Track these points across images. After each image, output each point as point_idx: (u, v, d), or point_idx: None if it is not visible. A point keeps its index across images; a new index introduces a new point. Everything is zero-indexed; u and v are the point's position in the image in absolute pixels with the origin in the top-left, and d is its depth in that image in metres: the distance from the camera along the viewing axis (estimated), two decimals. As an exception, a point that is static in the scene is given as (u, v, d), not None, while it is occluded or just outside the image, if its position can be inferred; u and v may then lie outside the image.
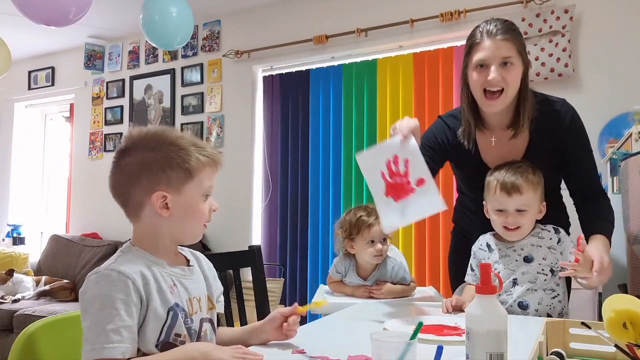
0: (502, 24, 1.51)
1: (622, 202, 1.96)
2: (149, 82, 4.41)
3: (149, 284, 0.99)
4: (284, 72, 3.86)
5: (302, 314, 1.18)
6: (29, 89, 5.08)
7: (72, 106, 4.94)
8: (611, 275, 1.36)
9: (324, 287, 2.11)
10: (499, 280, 1.44)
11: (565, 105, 1.59)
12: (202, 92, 4.13)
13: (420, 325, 0.88)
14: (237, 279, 1.91)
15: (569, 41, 2.82)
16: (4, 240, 4.77)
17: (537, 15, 2.88)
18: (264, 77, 3.94)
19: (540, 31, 2.87)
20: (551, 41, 2.84)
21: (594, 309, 2.10)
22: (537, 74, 2.83)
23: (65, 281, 3.93)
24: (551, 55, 2.83)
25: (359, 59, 3.57)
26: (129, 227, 1.06)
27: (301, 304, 1.21)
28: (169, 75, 4.29)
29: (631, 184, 1.89)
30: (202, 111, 4.12)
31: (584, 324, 1.08)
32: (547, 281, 1.48)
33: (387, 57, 3.47)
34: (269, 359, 1.06)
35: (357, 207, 1.99)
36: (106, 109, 4.64)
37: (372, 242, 1.89)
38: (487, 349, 0.81)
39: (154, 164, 1.02)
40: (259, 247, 2.04)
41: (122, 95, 4.56)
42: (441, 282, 3.11)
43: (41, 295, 3.80)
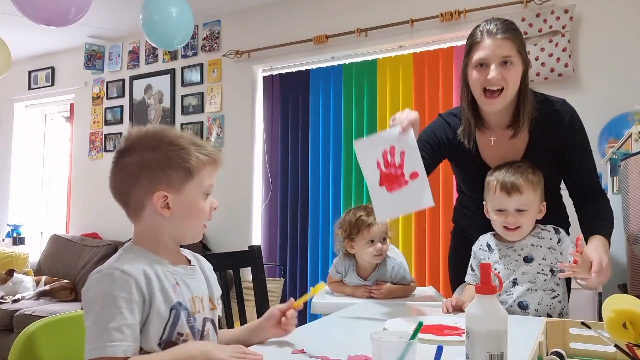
0: (502, 23, 1.51)
1: (622, 202, 1.96)
2: (149, 82, 4.41)
3: (152, 282, 0.99)
4: (284, 72, 3.86)
5: (299, 308, 1.20)
6: (29, 89, 5.08)
7: (72, 106, 4.94)
8: (610, 275, 1.37)
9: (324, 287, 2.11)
10: (499, 280, 1.44)
11: (565, 105, 1.59)
12: (202, 92, 4.13)
13: (420, 325, 0.88)
14: (237, 279, 1.91)
15: (569, 41, 2.82)
16: (4, 240, 4.77)
17: (537, 15, 2.88)
18: (264, 77, 3.94)
19: (540, 31, 2.87)
20: (551, 41, 2.84)
21: (594, 309, 2.10)
22: (537, 74, 2.83)
23: (65, 281, 3.93)
24: (551, 55, 2.83)
25: (359, 59, 3.57)
26: (129, 227, 1.06)
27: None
28: (169, 75, 4.29)
29: (631, 184, 1.89)
30: (202, 111, 4.12)
31: (583, 324, 1.08)
32: (547, 281, 1.48)
33: (387, 57, 3.47)
34: (269, 358, 1.06)
35: (356, 207, 1.98)
36: (106, 109, 4.64)
37: (372, 241, 1.89)
38: (487, 349, 0.81)
39: (154, 164, 1.02)
40: (259, 247, 2.04)
41: (122, 95, 4.56)
42: (441, 282, 3.11)
43: (41, 295, 3.80)
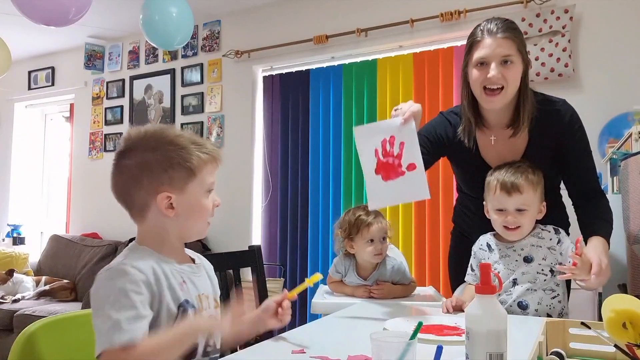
0: (503, 22, 1.51)
1: (622, 202, 1.96)
2: (149, 82, 4.41)
3: (160, 280, 0.99)
4: (284, 72, 3.86)
5: (293, 299, 1.23)
6: (29, 89, 5.08)
7: (72, 106, 4.94)
8: (610, 276, 1.36)
9: (323, 287, 2.11)
10: (498, 280, 1.45)
11: (565, 105, 1.59)
12: (202, 92, 4.13)
13: (420, 325, 0.88)
14: (237, 279, 1.91)
15: (569, 41, 2.82)
16: (4, 240, 4.77)
17: (537, 15, 2.88)
18: (264, 77, 3.94)
19: (540, 31, 2.87)
20: (551, 41, 2.84)
21: (594, 309, 2.10)
22: (537, 74, 2.83)
23: (65, 281, 3.93)
24: (551, 55, 2.83)
25: (359, 59, 3.57)
26: (128, 227, 1.06)
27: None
28: (169, 75, 4.29)
29: (631, 184, 1.89)
30: (202, 111, 4.12)
31: (583, 324, 1.08)
32: (546, 281, 1.48)
33: (387, 57, 3.47)
34: (269, 358, 1.06)
35: (355, 207, 1.99)
36: (106, 109, 4.64)
37: (372, 241, 1.89)
38: (487, 349, 0.81)
39: (155, 165, 1.02)
40: (259, 247, 2.04)
41: (122, 95, 4.56)
42: (441, 282, 3.11)
43: (41, 295, 3.80)
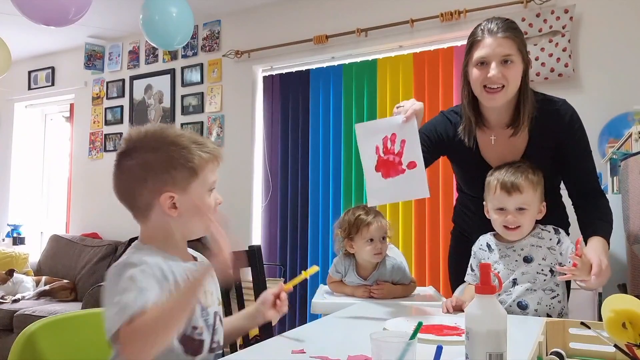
0: (503, 22, 1.51)
1: (622, 202, 1.96)
2: (149, 82, 4.41)
3: (167, 276, 1.00)
4: (284, 72, 3.86)
5: (289, 291, 1.27)
6: (29, 89, 5.08)
7: (72, 106, 4.94)
8: (610, 276, 1.36)
9: (323, 287, 2.11)
10: (498, 280, 1.45)
11: (565, 104, 1.59)
12: (202, 92, 4.13)
13: (420, 325, 0.88)
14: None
15: (569, 41, 2.82)
16: (4, 240, 4.77)
17: (537, 15, 2.88)
18: (264, 77, 3.94)
19: (540, 31, 2.87)
20: (551, 41, 2.84)
21: (594, 309, 2.10)
22: (537, 74, 2.83)
23: (65, 281, 3.93)
24: (551, 55, 2.83)
25: (359, 59, 3.57)
26: (128, 227, 1.06)
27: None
28: (169, 75, 4.29)
29: (631, 184, 1.89)
30: (202, 111, 4.12)
31: (583, 324, 1.08)
32: (546, 281, 1.48)
33: (387, 57, 3.47)
34: (269, 358, 1.06)
35: (355, 207, 1.99)
36: (106, 109, 4.64)
37: (371, 240, 1.89)
38: (486, 349, 0.81)
39: (158, 166, 1.02)
40: (259, 247, 2.04)
41: (122, 95, 4.56)
42: (441, 282, 3.11)
43: (41, 295, 3.80)
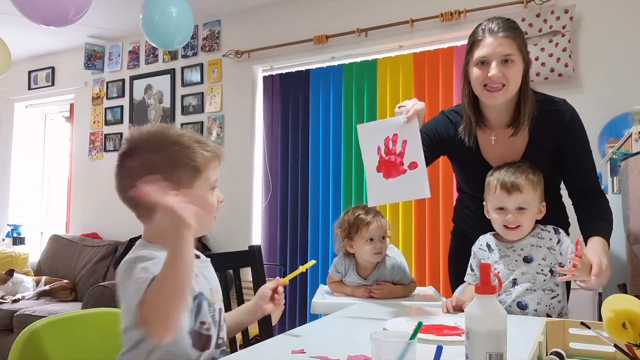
0: (504, 22, 1.52)
1: (622, 202, 1.96)
2: (149, 82, 4.41)
3: None
4: (284, 72, 3.86)
5: (285, 284, 1.33)
6: (29, 89, 5.08)
7: (72, 106, 4.94)
8: (610, 276, 1.36)
9: (323, 287, 2.11)
10: (498, 280, 1.45)
11: (565, 104, 1.59)
12: (202, 92, 4.13)
13: (420, 325, 0.88)
14: (237, 279, 1.91)
15: (569, 41, 2.81)
16: (4, 240, 4.77)
17: (537, 15, 2.88)
18: (264, 77, 3.94)
19: (540, 31, 2.87)
20: (551, 41, 2.84)
21: (594, 309, 2.10)
22: (537, 74, 2.83)
23: (65, 281, 3.93)
24: (551, 55, 2.83)
25: (359, 59, 3.57)
26: (128, 227, 1.07)
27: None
28: (169, 75, 4.29)
29: (631, 184, 1.89)
30: (202, 111, 4.12)
31: (583, 324, 1.08)
32: (546, 281, 1.48)
33: (387, 57, 3.47)
34: (269, 358, 1.06)
35: (355, 207, 1.99)
36: (106, 109, 4.64)
37: (371, 240, 1.89)
38: (486, 349, 0.81)
39: (162, 166, 1.02)
40: (259, 247, 2.04)
41: (122, 95, 4.56)
42: (441, 282, 3.11)
43: (41, 295, 3.80)
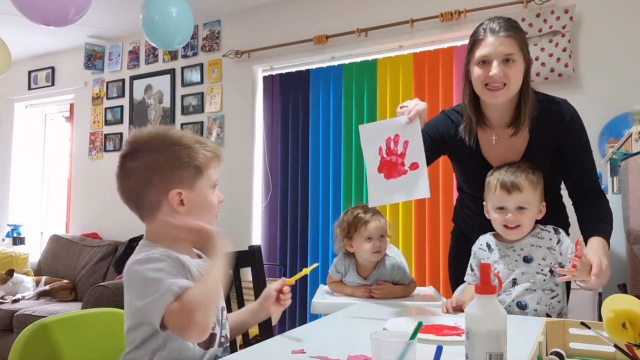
0: (506, 21, 1.52)
1: (622, 202, 1.96)
2: (149, 82, 4.41)
3: (191, 270, 1.04)
4: (284, 72, 3.86)
5: (291, 284, 1.31)
6: (29, 89, 5.08)
7: (72, 106, 4.94)
8: (610, 276, 1.36)
9: (323, 287, 2.11)
10: (498, 280, 1.45)
11: (565, 104, 1.60)
12: (202, 92, 4.13)
13: (419, 325, 0.88)
14: (237, 279, 1.91)
15: (569, 41, 2.81)
16: (4, 240, 4.76)
17: (537, 15, 2.88)
18: (264, 77, 3.94)
19: (540, 31, 2.87)
20: (551, 41, 2.84)
21: (594, 309, 2.10)
22: (537, 74, 2.83)
23: (65, 281, 3.93)
24: (551, 55, 2.83)
25: (359, 59, 3.57)
26: (128, 227, 1.08)
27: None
28: (169, 75, 4.29)
29: (631, 184, 1.89)
30: (202, 111, 4.12)
31: (583, 324, 1.08)
32: (546, 281, 1.48)
33: (387, 57, 3.47)
34: (269, 358, 1.06)
35: (354, 207, 2.00)
36: (106, 109, 4.64)
37: (370, 238, 1.89)
38: (486, 349, 0.81)
39: (165, 165, 1.05)
40: (259, 247, 2.04)
41: (122, 95, 4.56)
42: (441, 282, 3.11)
43: (41, 295, 3.80)
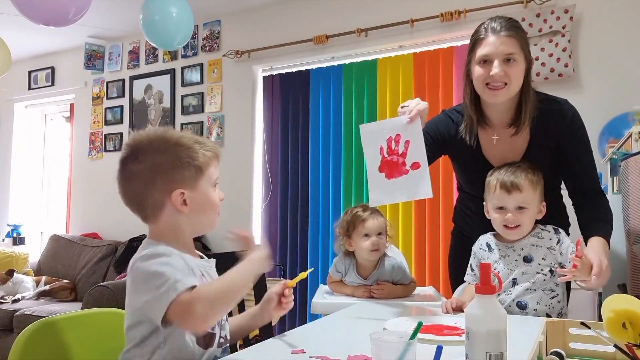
0: (507, 21, 1.52)
1: (622, 202, 1.96)
2: (149, 82, 4.41)
3: (193, 268, 1.05)
4: (284, 72, 3.86)
5: (292, 287, 1.29)
6: (29, 89, 5.08)
7: (72, 106, 4.94)
8: (610, 276, 1.36)
9: (324, 287, 2.11)
10: (498, 280, 1.45)
11: (566, 104, 1.60)
12: (202, 92, 4.13)
13: (419, 325, 0.88)
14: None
15: (569, 41, 2.82)
16: (4, 240, 4.76)
17: (537, 15, 2.88)
18: (264, 77, 3.94)
19: (540, 31, 2.87)
20: (551, 41, 2.84)
21: (594, 309, 2.10)
22: (537, 74, 2.83)
23: (65, 281, 3.93)
24: (551, 55, 2.83)
25: (359, 59, 3.57)
26: (128, 227, 1.08)
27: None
28: (169, 75, 4.29)
29: (631, 184, 1.89)
30: (202, 111, 4.12)
31: (583, 324, 1.08)
32: (546, 281, 1.48)
33: (387, 57, 3.47)
34: (269, 358, 1.06)
35: (354, 207, 2.01)
36: (106, 109, 4.64)
37: (367, 235, 1.90)
38: (486, 349, 0.81)
39: (167, 166, 1.06)
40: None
41: (122, 95, 4.56)
42: (441, 282, 3.11)
43: (41, 295, 3.80)
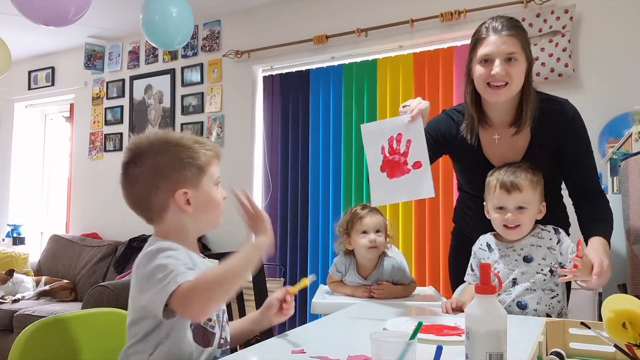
0: (508, 20, 1.53)
1: (622, 202, 1.96)
2: (149, 82, 4.41)
3: (197, 264, 1.06)
4: (284, 72, 3.86)
5: (294, 294, 1.27)
6: (29, 89, 5.08)
7: (72, 106, 4.94)
8: (610, 276, 1.37)
9: (323, 287, 2.11)
10: (498, 280, 1.45)
11: (567, 104, 1.60)
12: (202, 92, 4.13)
13: (419, 325, 0.88)
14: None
15: (569, 41, 2.82)
16: (4, 240, 4.76)
17: (537, 15, 2.88)
18: (264, 77, 3.94)
19: (540, 31, 2.87)
20: (551, 41, 2.84)
21: (594, 309, 2.10)
22: (537, 74, 2.83)
23: (65, 281, 3.93)
24: (551, 55, 2.83)
25: (359, 59, 3.57)
26: (128, 227, 1.09)
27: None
28: (169, 75, 4.29)
29: (631, 184, 1.89)
30: (202, 111, 4.12)
31: (583, 324, 1.08)
32: (546, 281, 1.48)
33: (387, 57, 3.47)
34: (269, 358, 1.06)
35: (354, 206, 2.01)
36: (106, 109, 4.64)
37: (365, 232, 1.90)
38: (486, 349, 0.81)
39: (169, 167, 1.07)
40: (259, 247, 2.03)
41: (122, 95, 4.56)
42: (441, 282, 3.11)
43: (41, 295, 3.80)
